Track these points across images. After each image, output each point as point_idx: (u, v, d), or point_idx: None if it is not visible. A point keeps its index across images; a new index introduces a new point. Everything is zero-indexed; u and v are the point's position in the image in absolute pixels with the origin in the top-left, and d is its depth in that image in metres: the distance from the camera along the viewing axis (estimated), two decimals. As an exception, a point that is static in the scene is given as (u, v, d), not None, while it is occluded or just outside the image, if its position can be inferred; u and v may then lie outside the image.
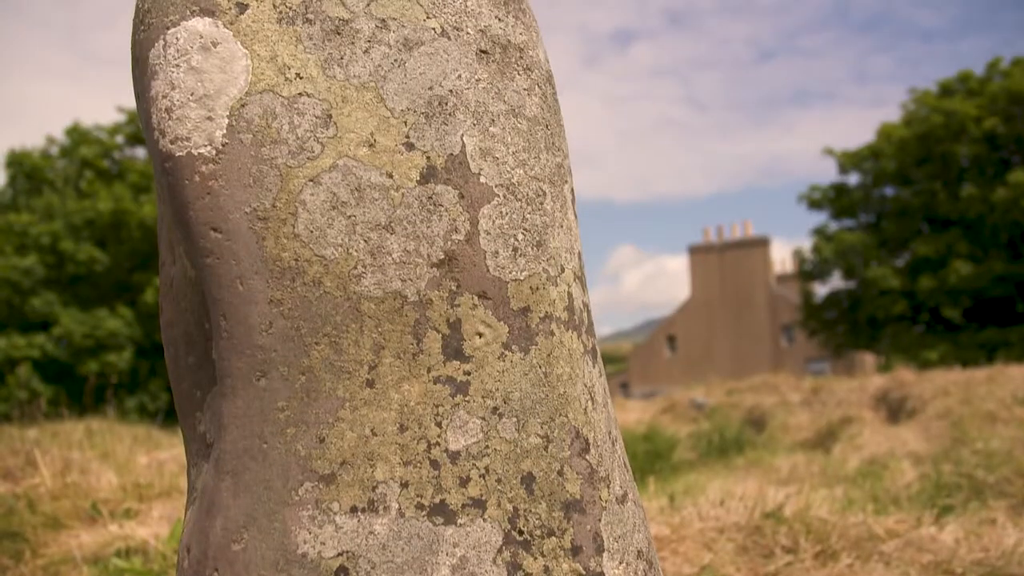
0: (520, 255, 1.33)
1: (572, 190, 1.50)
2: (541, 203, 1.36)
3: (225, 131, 1.25)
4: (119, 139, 24.69)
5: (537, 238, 1.35)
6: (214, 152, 1.24)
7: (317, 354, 1.24)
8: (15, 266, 21.64)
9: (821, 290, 27.69)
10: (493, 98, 1.35)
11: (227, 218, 1.24)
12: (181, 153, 1.25)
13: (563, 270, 1.39)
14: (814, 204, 26.79)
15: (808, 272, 26.94)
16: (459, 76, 1.34)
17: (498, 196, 1.32)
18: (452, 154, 1.30)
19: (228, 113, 1.25)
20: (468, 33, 1.37)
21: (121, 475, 5.07)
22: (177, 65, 1.28)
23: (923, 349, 23.44)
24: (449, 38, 1.35)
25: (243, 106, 1.26)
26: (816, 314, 27.22)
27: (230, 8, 1.29)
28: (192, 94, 1.26)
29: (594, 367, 1.45)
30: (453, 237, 1.28)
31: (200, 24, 1.29)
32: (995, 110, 23.59)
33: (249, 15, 1.29)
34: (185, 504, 1.73)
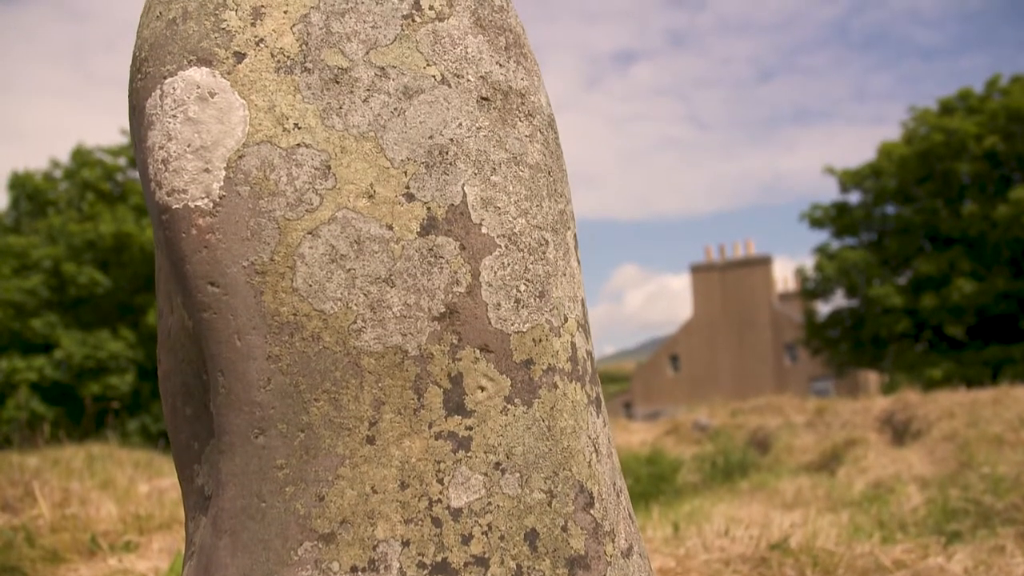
0: (522, 306, 1.30)
1: (575, 236, 1.48)
2: (543, 252, 1.34)
3: (222, 183, 1.23)
4: (121, 161, 24.74)
5: (540, 288, 1.33)
6: (211, 205, 1.22)
7: (316, 411, 1.22)
8: (17, 288, 21.64)
9: (824, 308, 27.64)
10: (494, 146, 1.34)
11: (225, 272, 1.22)
12: (178, 205, 1.23)
13: (566, 320, 1.36)
14: (816, 223, 26.78)
15: (810, 291, 26.90)
16: (460, 124, 1.32)
17: (500, 247, 1.30)
18: (453, 204, 1.28)
19: (225, 165, 1.23)
20: (469, 80, 1.35)
21: (121, 505, 5.03)
22: (174, 116, 1.26)
23: (927, 367, 23.35)
24: (449, 85, 1.33)
25: (241, 157, 1.24)
26: (819, 332, 27.15)
27: (227, 58, 1.28)
28: (189, 145, 1.24)
29: (598, 417, 1.42)
30: (454, 290, 1.26)
31: (197, 74, 1.27)
32: (995, 128, 23.61)
33: (247, 64, 1.28)
34: (183, 555, 1.70)
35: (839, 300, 26.84)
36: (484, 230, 1.29)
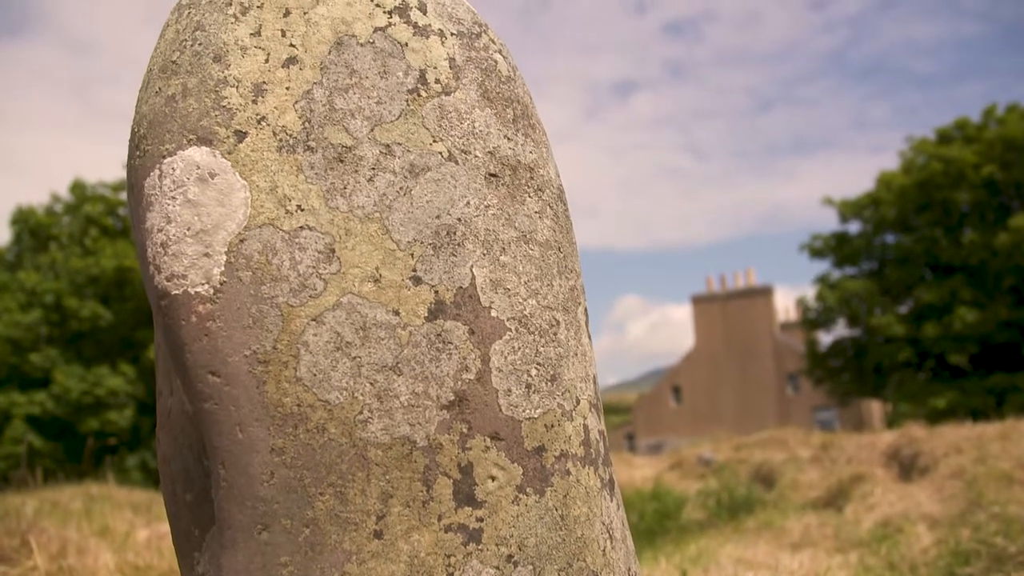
0: (534, 391, 1.26)
1: (585, 310, 1.44)
2: (555, 334, 1.30)
3: (223, 269, 1.19)
4: (123, 195, 24.77)
5: (551, 372, 1.28)
6: (212, 291, 1.18)
7: (322, 505, 1.17)
8: (18, 323, 21.58)
9: (825, 338, 27.55)
10: (503, 225, 1.30)
11: (226, 361, 1.17)
12: (177, 291, 1.19)
13: (578, 402, 1.32)
14: (816, 253, 26.76)
15: (812, 320, 26.81)
16: (467, 203, 1.28)
17: (510, 330, 1.25)
18: (461, 287, 1.24)
19: (226, 249, 1.19)
20: (476, 156, 1.31)
21: (119, 554, 4.94)
22: (173, 197, 1.22)
23: (930, 396, 23.22)
24: (457, 162, 1.30)
25: (242, 242, 1.20)
26: (821, 362, 27.02)
27: (228, 137, 1.24)
28: (189, 228, 1.20)
29: (611, 500, 1.37)
30: (463, 376, 1.22)
31: (197, 154, 1.24)
32: (993, 156, 23.66)
33: (248, 144, 1.24)
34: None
35: (841, 330, 26.75)
36: (494, 313, 1.25)
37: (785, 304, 41.02)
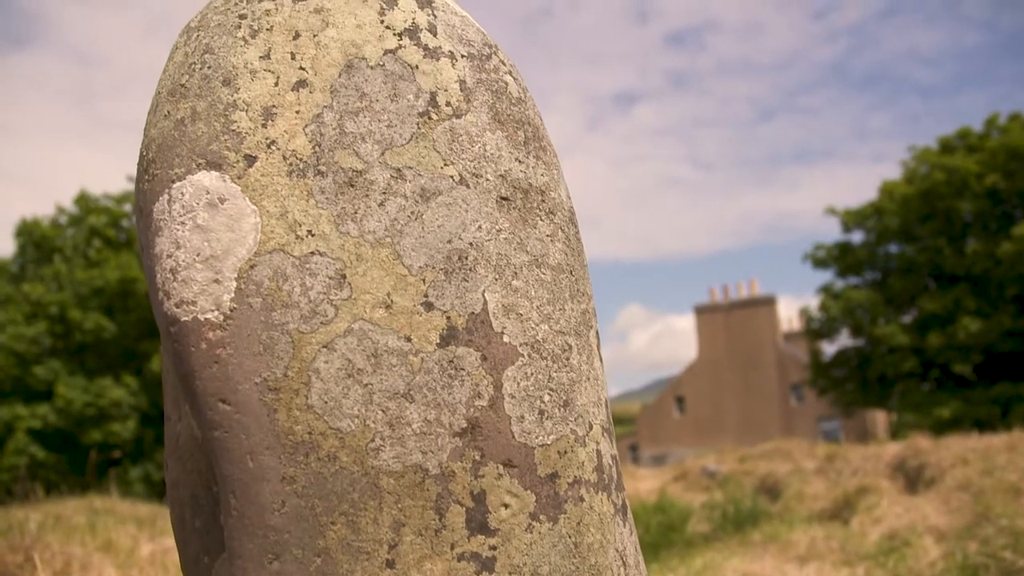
0: (547, 418, 1.24)
1: (597, 333, 1.42)
2: (567, 359, 1.29)
3: (233, 295, 1.18)
4: (127, 207, 24.81)
5: (564, 397, 1.27)
6: (222, 318, 1.17)
7: (333, 534, 1.15)
8: (22, 335, 21.58)
9: (829, 348, 27.49)
10: (515, 249, 1.29)
11: (236, 389, 1.16)
12: (187, 318, 1.18)
13: (591, 427, 1.31)
14: (819, 263, 26.73)
15: (816, 330, 26.76)
16: (479, 227, 1.27)
17: (523, 356, 1.24)
18: (473, 313, 1.23)
19: (236, 275, 1.18)
20: (488, 179, 1.30)
21: (123, 570, 4.93)
22: (183, 223, 1.21)
23: (935, 406, 23.16)
24: (468, 186, 1.29)
25: (252, 267, 1.19)
26: (825, 372, 26.97)
27: (238, 161, 1.23)
28: (198, 254, 1.19)
29: (624, 526, 1.35)
30: (476, 403, 1.20)
31: (207, 179, 1.23)
32: (995, 165, 23.65)
33: (258, 168, 1.23)
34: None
35: (844, 340, 26.70)
36: (506, 339, 1.24)
37: (788, 314, 41.03)
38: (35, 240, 24.47)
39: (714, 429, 37.19)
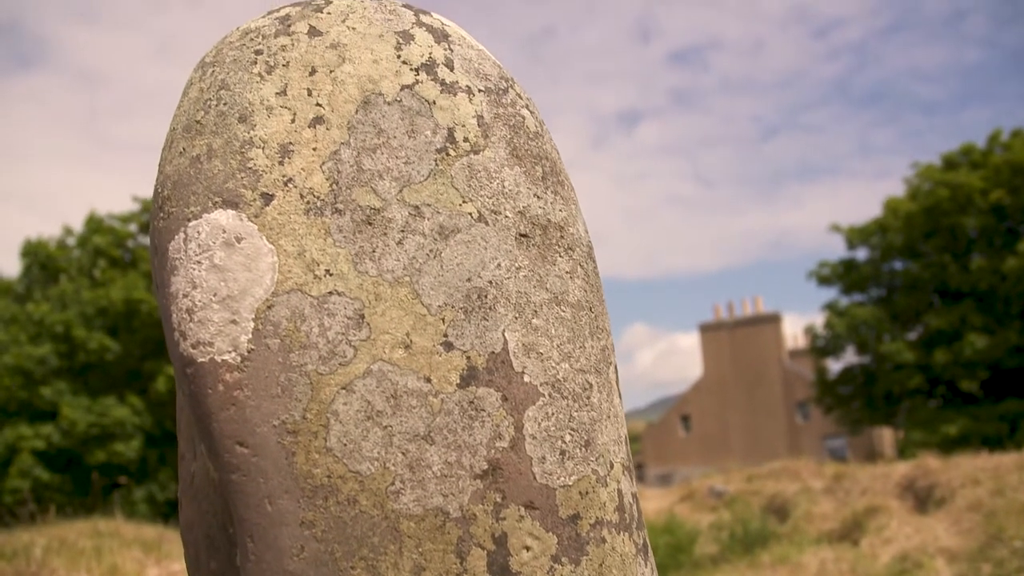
0: (568, 458, 1.23)
1: (615, 368, 1.41)
2: (588, 398, 1.27)
3: (251, 336, 1.16)
4: (132, 227, 24.88)
5: (585, 437, 1.25)
6: (239, 359, 1.16)
7: (352, 580, 1.13)
8: (29, 355, 21.58)
9: (835, 366, 27.43)
10: (535, 286, 1.27)
11: (254, 432, 1.14)
12: (204, 359, 1.17)
13: (612, 466, 1.29)
14: (823, 280, 26.71)
15: (821, 348, 26.71)
16: (499, 265, 1.26)
17: (543, 396, 1.22)
18: (494, 352, 1.21)
19: (254, 316, 1.17)
20: (507, 216, 1.29)
21: (129, 597, 4.89)
22: (199, 262, 1.20)
23: (942, 423, 23.05)
24: (487, 223, 1.27)
25: (270, 308, 1.17)
26: (831, 390, 26.90)
27: (255, 200, 1.22)
28: (215, 294, 1.18)
29: (646, 566, 1.33)
30: (497, 445, 1.19)
31: (223, 217, 1.22)
32: (999, 182, 23.65)
33: (275, 207, 1.22)
34: None
35: (850, 357, 26.63)
36: (527, 379, 1.22)
37: (793, 331, 40.90)
38: (41, 260, 24.52)
39: (720, 447, 37.04)
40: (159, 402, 22.52)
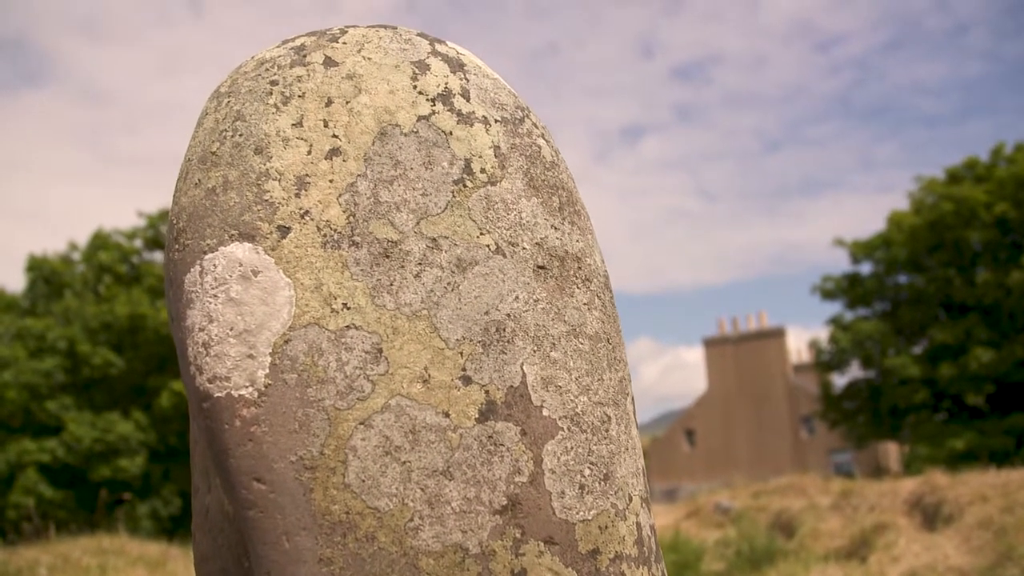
0: (587, 492, 1.22)
1: (633, 400, 1.40)
2: (607, 431, 1.26)
3: (268, 371, 1.16)
4: (137, 243, 24.92)
5: (604, 471, 1.24)
6: (256, 394, 1.15)
7: (370, 618, 1.12)
8: (34, 370, 21.58)
9: (840, 380, 27.33)
10: (553, 319, 1.26)
11: (271, 468, 1.13)
12: (220, 394, 1.16)
13: (631, 500, 1.28)
14: (827, 294, 26.65)
15: (826, 363, 26.62)
16: (516, 297, 1.25)
17: (562, 429, 1.21)
18: (512, 386, 1.20)
19: (271, 350, 1.16)
20: (524, 248, 1.28)
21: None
22: (215, 295, 1.19)
23: (948, 438, 22.94)
24: (504, 255, 1.27)
25: (287, 342, 1.17)
26: (836, 405, 26.79)
27: (271, 232, 1.22)
28: (232, 328, 1.17)
29: (666, 600, 1.32)
30: (516, 479, 1.18)
31: (239, 250, 1.21)
32: (1004, 195, 23.62)
33: (291, 239, 1.21)
34: None
35: (855, 371, 26.54)
36: (546, 412, 1.21)
37: (798, 346, 40.78)
38: (45, 275, 24.56)
39: (725, 462, 36.91)
40: (163, 418, 22.49)
